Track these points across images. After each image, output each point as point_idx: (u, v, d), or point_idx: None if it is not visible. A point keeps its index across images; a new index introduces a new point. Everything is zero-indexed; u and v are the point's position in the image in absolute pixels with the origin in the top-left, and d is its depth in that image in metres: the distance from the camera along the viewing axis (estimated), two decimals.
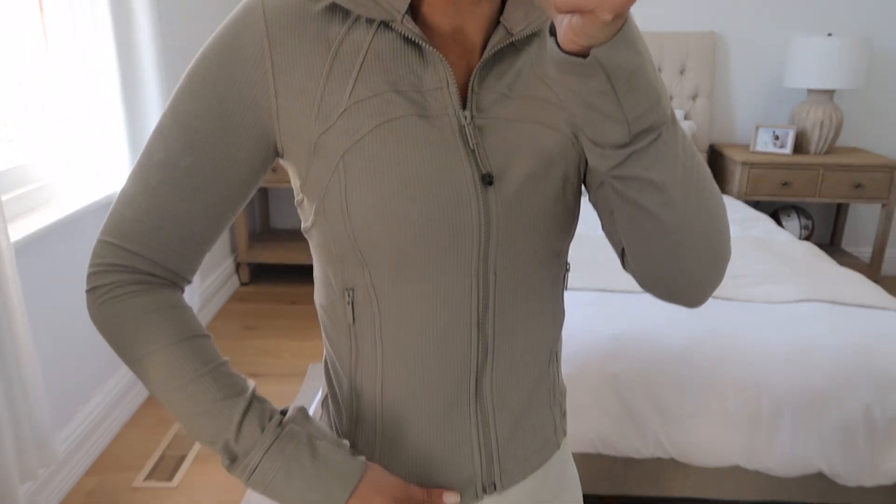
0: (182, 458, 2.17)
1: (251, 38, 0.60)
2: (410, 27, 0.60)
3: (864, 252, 3.80)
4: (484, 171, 0.61)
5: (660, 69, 3.54)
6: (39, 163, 2.09)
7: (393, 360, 0.65)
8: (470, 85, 0.62)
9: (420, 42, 0.60)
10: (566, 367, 1.63)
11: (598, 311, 1.76)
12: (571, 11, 0.42)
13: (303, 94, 0.60)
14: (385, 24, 0.61)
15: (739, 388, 1.62)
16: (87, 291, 0.64)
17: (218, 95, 0.60)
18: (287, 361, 2.80)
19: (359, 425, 0.69)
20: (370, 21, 0.61)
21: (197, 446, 2.23)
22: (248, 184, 0.64)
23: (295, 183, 0.65)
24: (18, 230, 1.81)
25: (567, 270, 0.72)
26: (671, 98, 3.56)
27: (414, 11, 0.63)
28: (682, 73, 3.54)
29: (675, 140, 0.51)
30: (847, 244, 3.81)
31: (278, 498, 0.61)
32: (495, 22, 0.64)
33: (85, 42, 2.12)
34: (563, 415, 0.77)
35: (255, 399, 0.63)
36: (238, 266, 3.60)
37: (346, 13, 0.61)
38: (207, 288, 3.19)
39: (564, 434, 0.77)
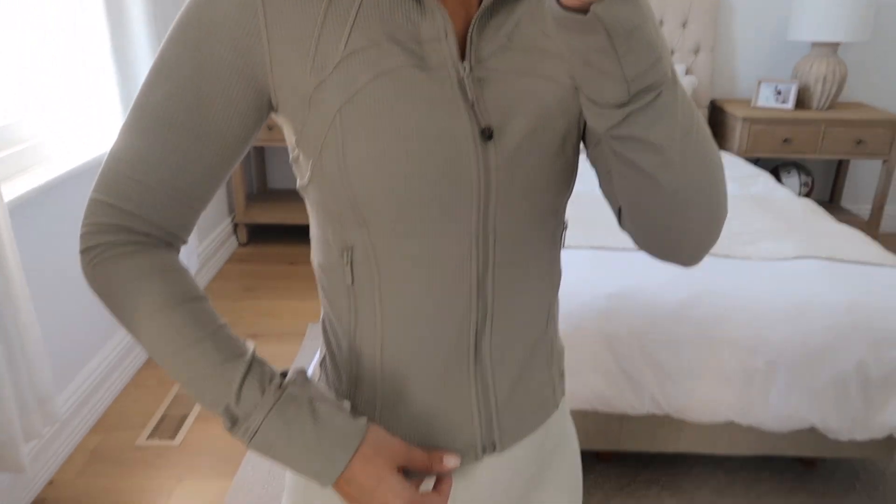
0: (184, 418, 2.20)
1: None
2: None
3: (864, 209, 3.79)
4: (483, 126, 0.60)
5: (661, 22, 3.47)
6: (30, 122, 2.06)
7: (393, 320, 0.64)
8: (469, 35, 0.60)
9: None
10: (562, 326, 1.64)
11: (595, 270, 1.76)
12: None
13: (297, 44, 0.58)
14: None
15: (734, 345, 1.63)
16: (81, 252, 0.62)
17: (209, 47, 0.58)
18: (286, 322, 2.82)
19: (358, 386, 0.69)
20: None
21: (199, 406, 2.26)
22: (242, 139, 0.62)
23: (290, 139, 0.63)
24: (12, 190, 1.80)
25: (565, 228, 0.71)
26: (672, 53, 3.50)
27: None
28: (684, 26, 3.47)
29: (674, 100, 0.50)
30: (846, 201, 3.80)
31: (280, 460, 0.61)
32: None
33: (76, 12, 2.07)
34: (562, 375, 0.77)
35: (254, 362, 0.62)
36: (236, 227, 3.59)
37: None
38: (206, 249, 3.19)
39: (563, 394, 0.77)
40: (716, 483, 1.95)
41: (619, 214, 0.66)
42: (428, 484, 0.71)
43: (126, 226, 0.61)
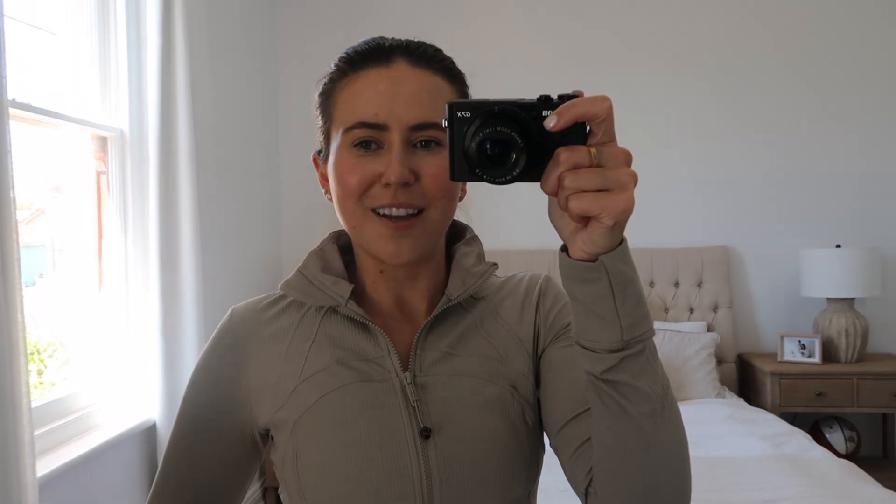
0: None
1: (225, 361, 0.75)
2: (354, 309, 0.72)
3: None
4: (422, 426, 0.68)
5: (677, 283, 3.66)
6: (80, 395, 2.21)
7: None
8: (413, 347, 0.72)
9: (363, 320, 0.71)
10: None
11: None
12: (582, 215, 0.53)
13: (266, 385, 0.73)
14: (332, 309, 0.74)
15: None
16: None
17: (201, 403, 0.76)
18: None
19: None
20: (320, 308, 0.74)
21: None
22: (242, 466, 0.78)
23: (273, 454, 0.76)
24: (47, 464, 1.88)
25: None
26: (691, 311, 3.64)
27: (361, 289, 0.76)
28: (699, 285, 3.65)
29: (655, 357, 0.60)
30: None
31: None
32: (440, 292, 0.76)
33: (134, 289, 2.36)
34: None
35: None
36: (265, 491, 3.54)
37: (300, 304, 0.75)
38: None
39: None
40: None
41: (585, 494, 0.68)
42: None
43: None
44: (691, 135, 3.71)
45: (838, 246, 3.39)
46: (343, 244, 0.80)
